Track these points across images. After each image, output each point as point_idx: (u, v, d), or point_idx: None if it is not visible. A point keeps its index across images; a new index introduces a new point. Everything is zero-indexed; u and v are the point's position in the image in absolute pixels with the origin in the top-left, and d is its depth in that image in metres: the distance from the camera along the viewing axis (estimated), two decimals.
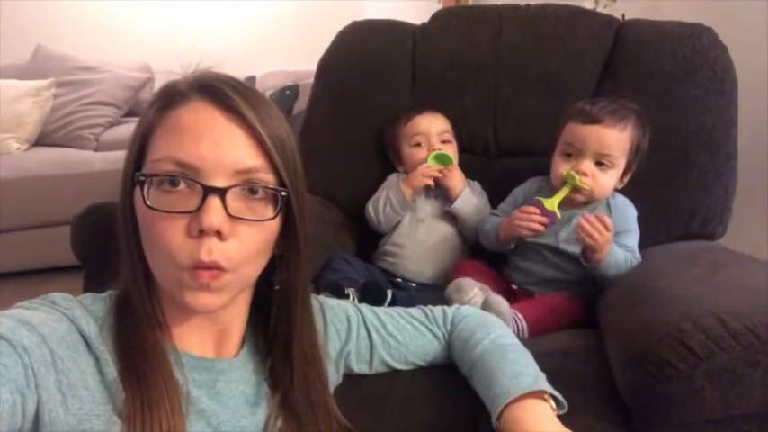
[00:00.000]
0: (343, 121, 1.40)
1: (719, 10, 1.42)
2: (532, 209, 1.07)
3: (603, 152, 1.05)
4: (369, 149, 1.37)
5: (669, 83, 1.19)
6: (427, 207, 1.30)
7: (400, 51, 1.41)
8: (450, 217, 1.28)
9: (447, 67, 1.36)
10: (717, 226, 1.15)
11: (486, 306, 0.96)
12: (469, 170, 1.30)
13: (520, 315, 0.99)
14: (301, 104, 2.65)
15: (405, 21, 1.49)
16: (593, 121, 1.05)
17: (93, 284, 0.64)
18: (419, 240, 1.27)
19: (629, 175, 1.11)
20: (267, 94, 2.83)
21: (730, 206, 1.16)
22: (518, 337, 0.79)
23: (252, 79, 3.04)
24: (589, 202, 1.10)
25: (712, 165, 1.14)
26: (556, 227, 1.10)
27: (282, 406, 0.65)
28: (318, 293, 0.81)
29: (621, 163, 1.07)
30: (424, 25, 1.45)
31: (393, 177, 1.33)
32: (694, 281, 0.85)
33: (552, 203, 1.07)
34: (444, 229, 1.28)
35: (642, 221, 1.12)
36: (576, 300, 1.08)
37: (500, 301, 0.97)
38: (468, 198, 1.25)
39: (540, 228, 1.07)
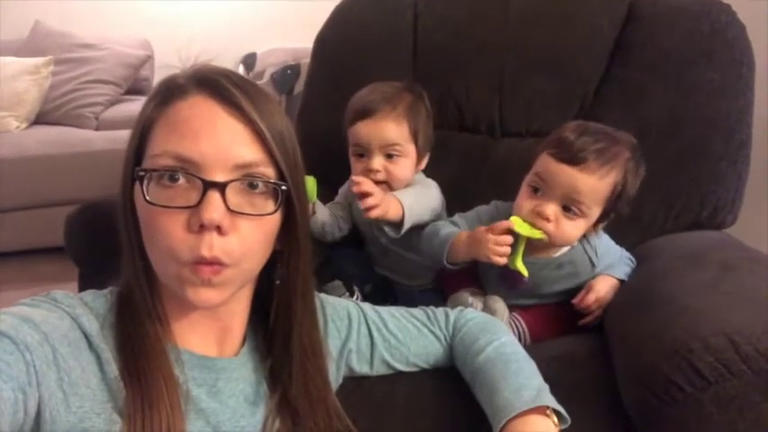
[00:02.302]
0: (340, 102, 1.30)
1: None
2: (504, 234, 0.89)
3: (574, 198, 0.88)
4: None
5: (684, 63, 1.13)
6: (386, 235, 1.09)
7: (400, 24, 1.34)
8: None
9: (450, 41, 1.29)
10: (727, 215, 1.11)
11: (485, 309, 0.94)
12: (472, 150, 1.25)
13: (520, 319, 0.97)
14: (303, 84, 2.61)
15: None
16: (571, 161, 0.86)
17: (88, 287, 0.63)
18: (392, 266, 1.15)
19: (604, 223, 0.94)
20: (268, 73, 2.75)
21: (742, 195, 1.11)
22: (519, 341, 0.78)
23: (253, 56, 3.00)
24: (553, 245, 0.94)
25: (726, 152, 1.09)
26: (528, 283, 0.94)
27: (280, 406, 0.65)
28: (320, 287, 0.81)
29: (595, 213, 0.90)
30: None
31: (343, 192, 1.19)
32: (703, 288, 0.80)
33: (514, 262, 0.91)
34: (413, 256, 1.09)
35: (652, 211, 1.09)
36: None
37: (499, 308, 0.94)
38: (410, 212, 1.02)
39: (503, 260, 0.90)
